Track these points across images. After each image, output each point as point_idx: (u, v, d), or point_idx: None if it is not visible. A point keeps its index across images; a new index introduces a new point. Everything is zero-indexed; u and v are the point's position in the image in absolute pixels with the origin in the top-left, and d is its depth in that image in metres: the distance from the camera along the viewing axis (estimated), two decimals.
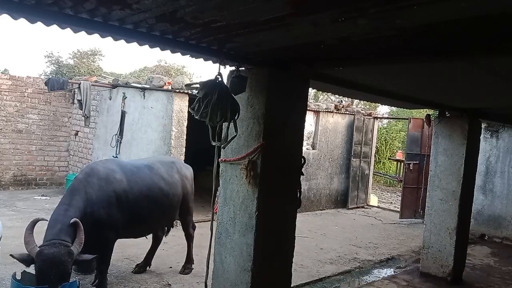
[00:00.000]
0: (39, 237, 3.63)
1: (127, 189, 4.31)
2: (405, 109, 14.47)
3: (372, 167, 11.79)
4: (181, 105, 7.43)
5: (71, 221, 3.63)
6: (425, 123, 7.84)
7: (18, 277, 3.55)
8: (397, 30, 2.09)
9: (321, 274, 5.72)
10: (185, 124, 7.51)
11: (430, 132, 7.36)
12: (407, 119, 11.35)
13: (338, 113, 10.56)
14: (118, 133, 8.49)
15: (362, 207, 11.19)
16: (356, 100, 15.60)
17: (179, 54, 2.77)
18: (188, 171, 5.29)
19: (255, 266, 2.90)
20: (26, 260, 3.46)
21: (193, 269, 5.29)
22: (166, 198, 4.72)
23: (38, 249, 3.42)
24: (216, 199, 3.65)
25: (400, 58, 2.59)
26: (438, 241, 5.62)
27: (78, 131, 10.36)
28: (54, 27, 2.18)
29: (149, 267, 5.24)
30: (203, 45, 2.61)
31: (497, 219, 8.50)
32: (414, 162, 9.64)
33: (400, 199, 10.35)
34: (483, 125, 7.55)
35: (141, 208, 4.43)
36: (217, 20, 2.10)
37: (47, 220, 3.80)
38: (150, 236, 5.24)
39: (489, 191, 8.63)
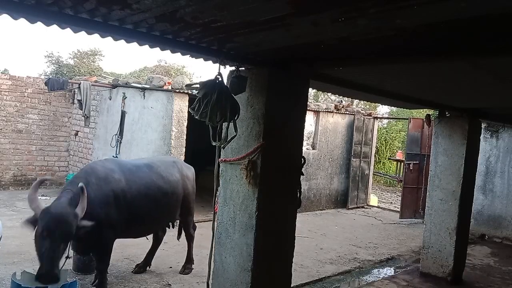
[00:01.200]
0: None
1: (125, 189, 4.31)
2: (405, 109, 14.48)
3: (372, 167, 11.79)
4: (181, 105, 7.43)
5: (79, 185, 3.72)
6: (425, 123, 7.84)
7: (18, 277, 3.54)
8: (397, 30, 2.09)
9: (321, 274, 5.72)
10: (185, 124, 7.51)
11: (430, 132, 7.36)
12: (407, 119, 11.35)
13: (338, 113, 10.56)
14: (118, 133, 8.49)
15: (362, 207, 11.19)
16: (356, 100, 15.60)
17: (179, 54, 2.77)
18: (190, 171, 5.28)
19: (255, 266, 2.90)
20: (31, 221, 3.48)
21: (193, 269, 5.29)
22: (165, 197, 4.71)
23: (44, 207, 3.49)
24: (216, 199, 3.65)
25: (400, 58, 2.59)
26: (438, 241, 5.62)
27: (78, 131, 10.36)
28: (54, 27, 2.18)
29: (149, 267, 5.24)
30: (203, 45, 2.61)
31: (497, 219, 8.50)
32: (414, 162, 9.65)
33: (400, 199, 10.35)
34: (483, 125, 7.55)
35: (140, 207, 4.42)
36: (217, 20, 2.10)
37: (49, 179, 3.96)
38: (150, 236, 5.24)
39: (489, 191, 8.63)
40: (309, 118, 9.84)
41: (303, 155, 3.22)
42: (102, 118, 9.56)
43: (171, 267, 5.40)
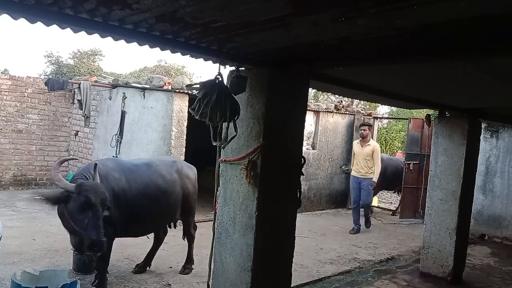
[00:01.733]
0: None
1: (125, 188, 4.32)
2: (405, 109, 14.49)
3: None
4: (181, 105, 7.43)
5: (93, 162, 3.96)
6: (425, 123, 7.84)
7: (18, 277, 3.55)
8: (397, 30, 2.09)
9: (321, 274, 5.72)
10: (185, 124, 7.51)
11: (430, 132, 7.36)
12: (407, 119, 11.35)
13: (338, 113, 10.56)
14: (118, 133, 8.48)
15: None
16: (356, 100, 15.61)
17: (179, 54, 2.77)
18: (191, 171, 5.28)
19: (255, 266, 2.90)
20: (58, 198, 3.60)
21: (193, 269, 5.29)
22: (164, 196, 4.72)
23: (77, 183, 3.64)
24: (217, 199, 3.66)
25: (400, 58, 2.59)
26: (438, 241, 5.62)
27: (78, 131, 10.36)
28: (54, 27, 2.17)
29: (149, 267, 5.24)
30: (203, 45, 2.61)
31: (497, 219, 8.49)
32: (414, 162, 9.64)
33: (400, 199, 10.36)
34: (483, 125, 7.54)
35: (139, 206, 4.43)
36: (217, 20, 2.10)
37: (76, 159, 4.10)
38: (151, 236, 5.25)
39: (489, 191, 8.62)
40: (309, 118, 9.84)
41: (303, 155, 3.22)
42: (102, 118, 9.56)
43: (171, 267, 5.41)
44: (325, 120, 10.30)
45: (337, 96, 10.37)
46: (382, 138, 17.14)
